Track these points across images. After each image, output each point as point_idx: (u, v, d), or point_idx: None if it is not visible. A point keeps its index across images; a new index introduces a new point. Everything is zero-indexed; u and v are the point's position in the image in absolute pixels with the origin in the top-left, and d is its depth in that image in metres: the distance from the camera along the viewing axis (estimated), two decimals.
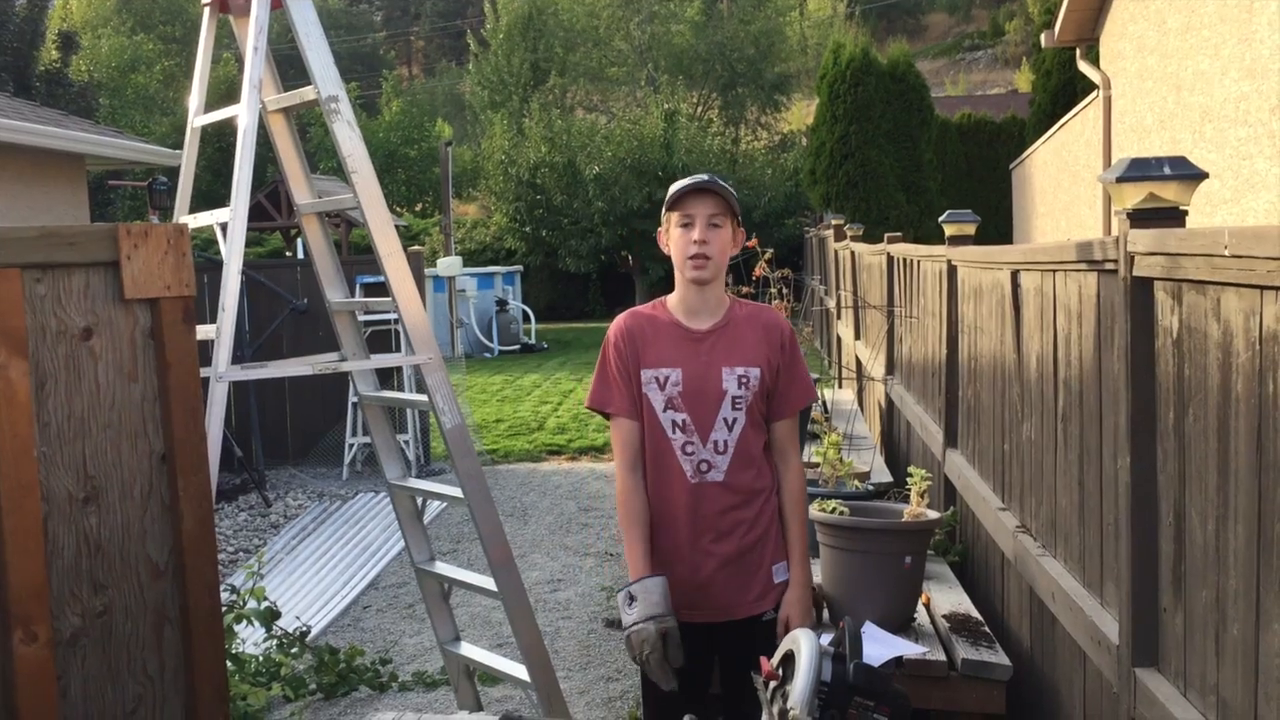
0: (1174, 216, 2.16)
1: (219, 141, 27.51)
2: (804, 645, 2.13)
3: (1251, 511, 1.75)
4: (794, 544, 2.89)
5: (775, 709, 2.17)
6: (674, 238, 2.83)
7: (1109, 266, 2.38)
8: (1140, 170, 2.16)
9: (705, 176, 2.83)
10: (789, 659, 2.19)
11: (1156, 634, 2.19)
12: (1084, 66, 11.87)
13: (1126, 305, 2.23)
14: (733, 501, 2.81)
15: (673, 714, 2.68)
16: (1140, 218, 2.18)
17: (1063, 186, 13.66)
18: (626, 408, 2.86)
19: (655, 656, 2.64)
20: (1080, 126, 12.48)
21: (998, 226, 18.41)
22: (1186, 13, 8.54)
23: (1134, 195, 2.17)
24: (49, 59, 21.84)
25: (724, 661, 2.93)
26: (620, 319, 2.95)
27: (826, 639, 2.32)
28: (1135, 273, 2.19)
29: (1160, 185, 2.15)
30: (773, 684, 2.20)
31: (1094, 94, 11.54)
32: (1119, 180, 2.17)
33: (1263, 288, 1.67)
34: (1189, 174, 2.14)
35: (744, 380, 2.81)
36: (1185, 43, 8.59)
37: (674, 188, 2.85)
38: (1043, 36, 13.02)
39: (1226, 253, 1.74)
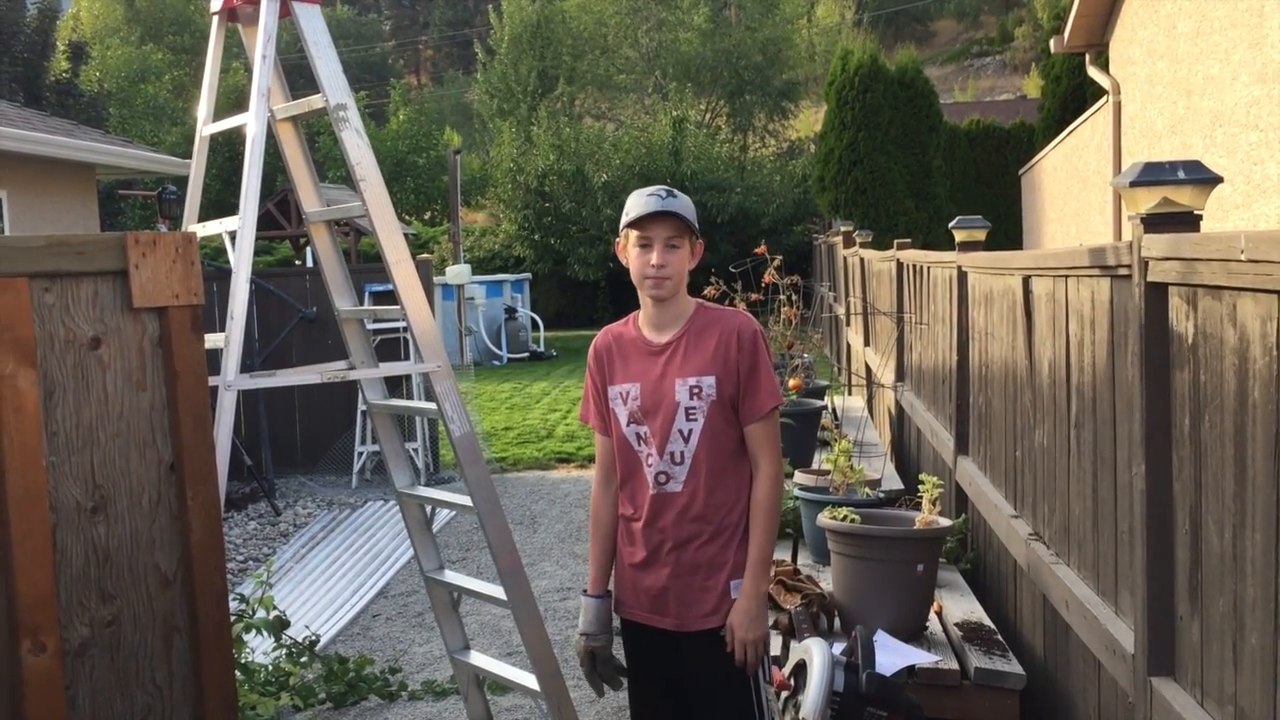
0: (1188, 221, 2.14)
1: (229, 150, 27.62)
2: (816, 655, 2.12)
3: (1270, 519, 1.73)
4: (751, 552, 2.79)
5: (787, 718, 2.15)
6: (632, 256, 2.84)
7: (1122, 272, 2.36)
8: (1154, 175, 2.14)
9: (662, 194, 2.78)
10: (801, 668, 2.18)
11: (1172, 643, 2.16)
12: (1094, 72, 11.85)
13: (1140, 311, 2.21)
14: (691, 512, 2.80)
15: (653, 708, 2.92)
16: (1154, 223, 2.16)
17: (1073, 193, 13.62)
18: (600, 424, 2.97)
19: (585, 668, 2.96)
20: (1090, 132, 12.44)
21: (1007, 233, 18.35)
22: (1197, 17, 8.52)
23: (1148, 200, 2.15)
24: (59, 69, 21.95)
25: (688, 672, 2.90)
26: (596, 338, 3.01)
27: (839, 648, 2.30)
28: (1149, 278, 2.17)
29: (1174, 190, 2.13)
30: (784, 694, 2.18)
31: (1104, 99, 11.51)
32: (1133, 185, 2.15)
33: None
34: (1203, 178, 2.12)
35: (696, 390, 2.79)
36: (1195, 47, 8.56)
37: (632, 207, 2.81)
38: (1052, 42, 13.00)
39: (1243, 257, 1.73)
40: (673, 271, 2.80)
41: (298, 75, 4.17)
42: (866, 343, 8.64)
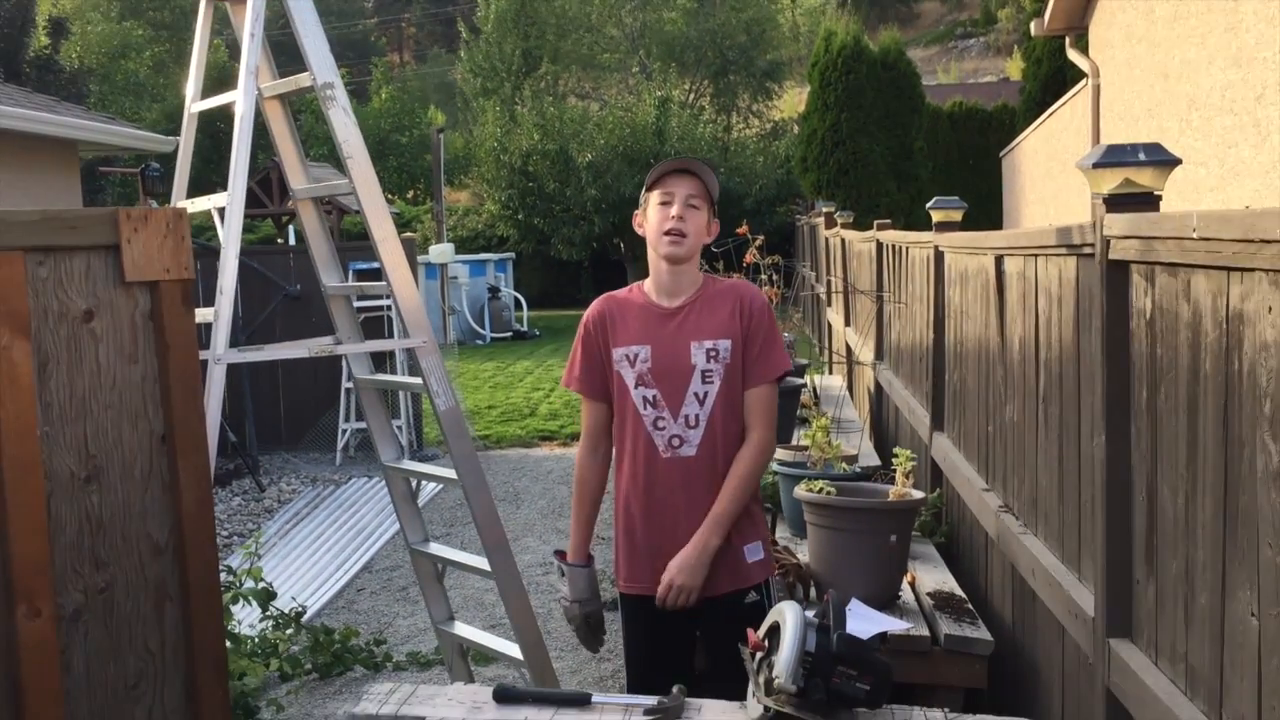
0: (1148, 201, 2.22)
1: (209, 128, 27.42)
2: (789, 616, 2.20)
3: (1219, 484, 1.81)
4: (715, 506, 2.79)
5: (761, 678, 2.23)
6: (651, 215, 2.89)
7: (1087, 250, 2.44)
8: (1116, 156, 2.22)
9: (687, 159, 2.90)
10: (775, 630, 2.26)
11: (1130, 605, 2.25)
12: (1073, 55, 11.91)
13: (1103, 288, 2.29)
14: (704, 477, 2.83)
15: (654, 685, 2.70)
16: (1116, 203, 2.24)
17: (1052, 174, 13.72)
18: (593, 390, 2.96)
19: (581, 634, 3.06)
20: (1069, 115, 12.53)
21: (989, 214, 18.43)
22: (1174, 1, 8.59)
23: (1110, 181, 2.23)
24: (39, 45, 21.78)
25: (702, 638, 2.97)
26: (595, 303, 3.01)
27: (812, 612, 2.38)
28: (1111, 256, 2.25)
29: (1136, 171, 2.20)
30: (759, 654, 2.26)
31: (1083, 82, 11.58)
32: (1095, 166, 2.23)
33: (1229, 269, 1.73)
34: (1163, 160, 2.19)
35: (713, 353, 2.82)
36: (1173, 31, 8.64)
37: (657, 167, 2.91)
38: (1033, 24, 13.05)
39: (1195, 235, 1.80)
40: (691, 229, 2.84)
41: (279, 52, 4.20)
42: (847, 322, 8.72)
